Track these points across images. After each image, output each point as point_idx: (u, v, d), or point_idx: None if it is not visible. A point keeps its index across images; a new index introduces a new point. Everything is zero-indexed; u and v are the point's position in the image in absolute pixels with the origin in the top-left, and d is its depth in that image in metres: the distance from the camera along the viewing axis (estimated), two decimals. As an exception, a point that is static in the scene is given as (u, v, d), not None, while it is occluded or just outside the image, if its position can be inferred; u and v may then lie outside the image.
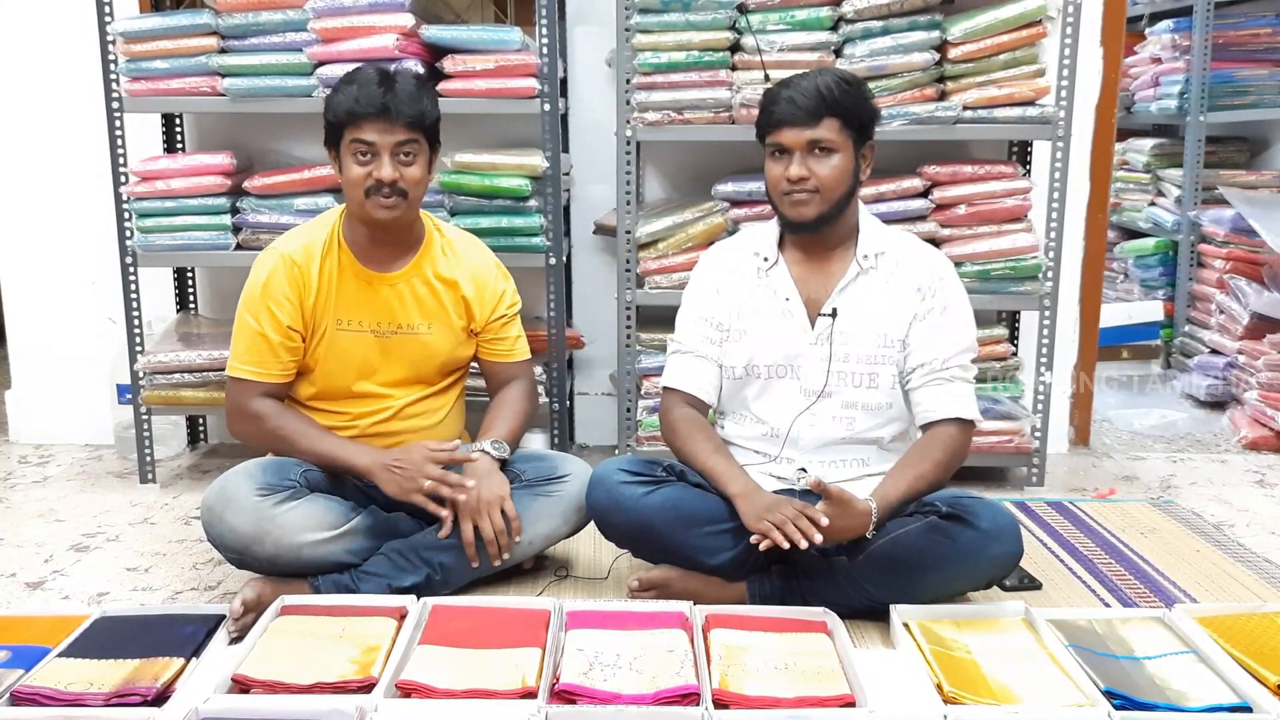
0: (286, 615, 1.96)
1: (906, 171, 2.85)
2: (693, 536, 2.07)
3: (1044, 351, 2.89)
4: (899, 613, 1.97)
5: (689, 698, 1.69)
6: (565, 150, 3.18)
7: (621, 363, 2.92)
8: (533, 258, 2.84)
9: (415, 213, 2.25)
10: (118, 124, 2.84)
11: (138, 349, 2.94)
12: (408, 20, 2.70)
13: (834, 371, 2.11)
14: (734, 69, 2.78)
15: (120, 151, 2.86)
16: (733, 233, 2.80)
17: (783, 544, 1.87)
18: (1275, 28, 3.87)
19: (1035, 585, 2.28)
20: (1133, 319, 4.12)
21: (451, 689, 1.70)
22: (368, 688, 1.71)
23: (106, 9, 2.78)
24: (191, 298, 3.27)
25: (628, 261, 2.85)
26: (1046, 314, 2.86)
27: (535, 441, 2.93)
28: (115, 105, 2.83)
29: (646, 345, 2.90)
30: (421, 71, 2.72)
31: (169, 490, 2.97)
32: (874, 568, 2.02)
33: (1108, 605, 2.21)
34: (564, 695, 1.70)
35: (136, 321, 2.94)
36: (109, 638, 1.89)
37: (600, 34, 3.12)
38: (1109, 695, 1.69)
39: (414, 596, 2.04)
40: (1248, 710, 1.68)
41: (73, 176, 3.19)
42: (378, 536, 2.17)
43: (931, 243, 2.69)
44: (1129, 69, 4.33)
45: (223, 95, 2.80)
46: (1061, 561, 2.44)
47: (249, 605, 2.01)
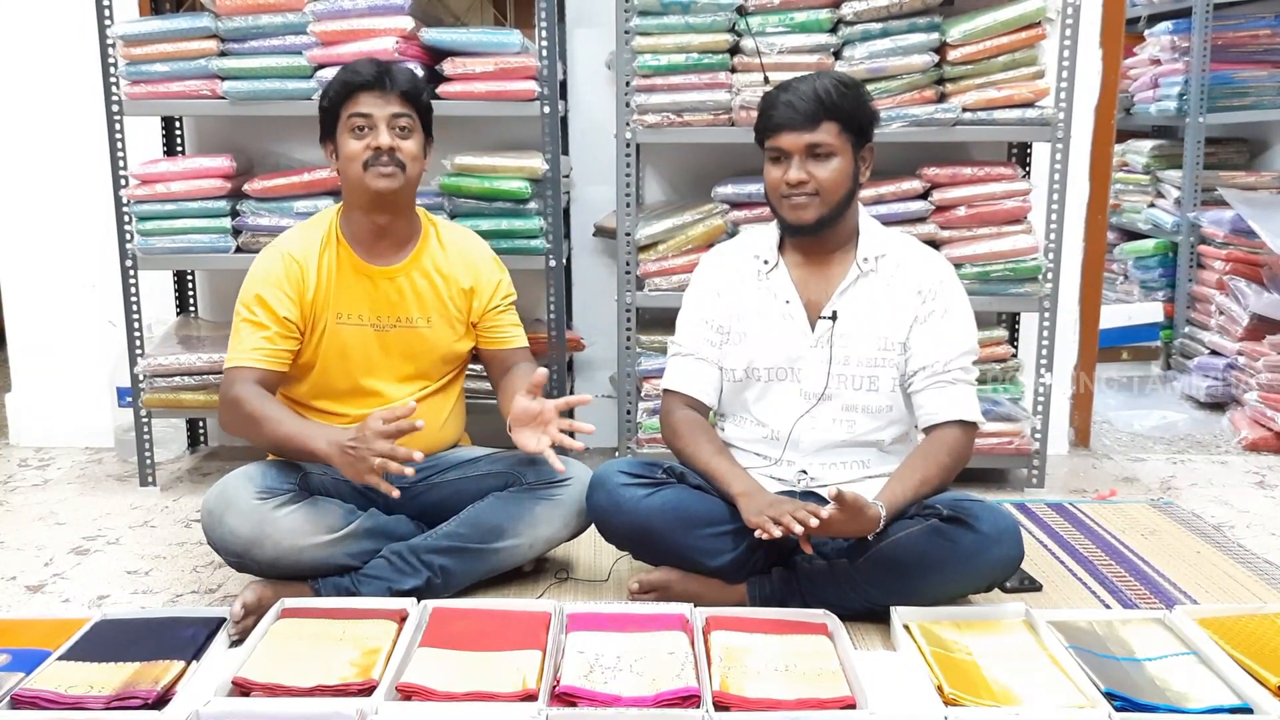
0: (287, 618, 1.96)
1: (906, 173, 2.85)
2: (693, 538, 2.07)
3: (1044, 353, 2.89)
4: (899, 614, 1.97)
5: (690, 700, 1.69)
6: (565, 152, 3.18)
7: (622, 365, 2.92)
8: (533, 260, 2.84)
9: (412, 197, 2.25)
10: (117, 127, 2.85)
11: (138, 352, 2.94)
12: (407, 23, 2.70)
13: (834, 374, 2.11)
14: (733, 71, 2.78)
15: (120, 154, 2.86)
16: (732, 235, 2.80)
17: (775, 532, 1.87)
18: (1274, 29, 3.88)
19: (1036, 587, 2.28)
20: (1133, 320, 4.13)
21: (452, 692, 1.70)
22: (368, 690, 1.71)
23: (106, 12, 2.79)
24: (191, 300, 3.27)
25: (628, 263, 2.86)
26: (1046, 315, 2.86)
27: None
28: (115, 108, 2.83)
29: (647, 347, 2.90)
30: (422, 74, 2.72)
31: (169, 493, 2.97)
32: (875, 570, 2.02)
33: (1108, 607, 2.21)
34: (565, 697, 1.70)
35: (136, 324, 2.94)
36: (109, 641, 1.89)
37: (600, 36, 3.12)
38: (1109, 696, 1.69)
39: (414, 599, 2.04)
40: (1248, 712, 1.68)
41: (73, 179, 3.20)
42: (378, 539, 2.17)
43: (931, 244, 2.69)
44: (1128, 70, 4.33)
45: (223, 98, 2.80)
46: (1062, 563, 2.44)
47: (249, 608, 2.01)
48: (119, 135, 2.85)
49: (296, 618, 1.96)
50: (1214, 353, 3.81)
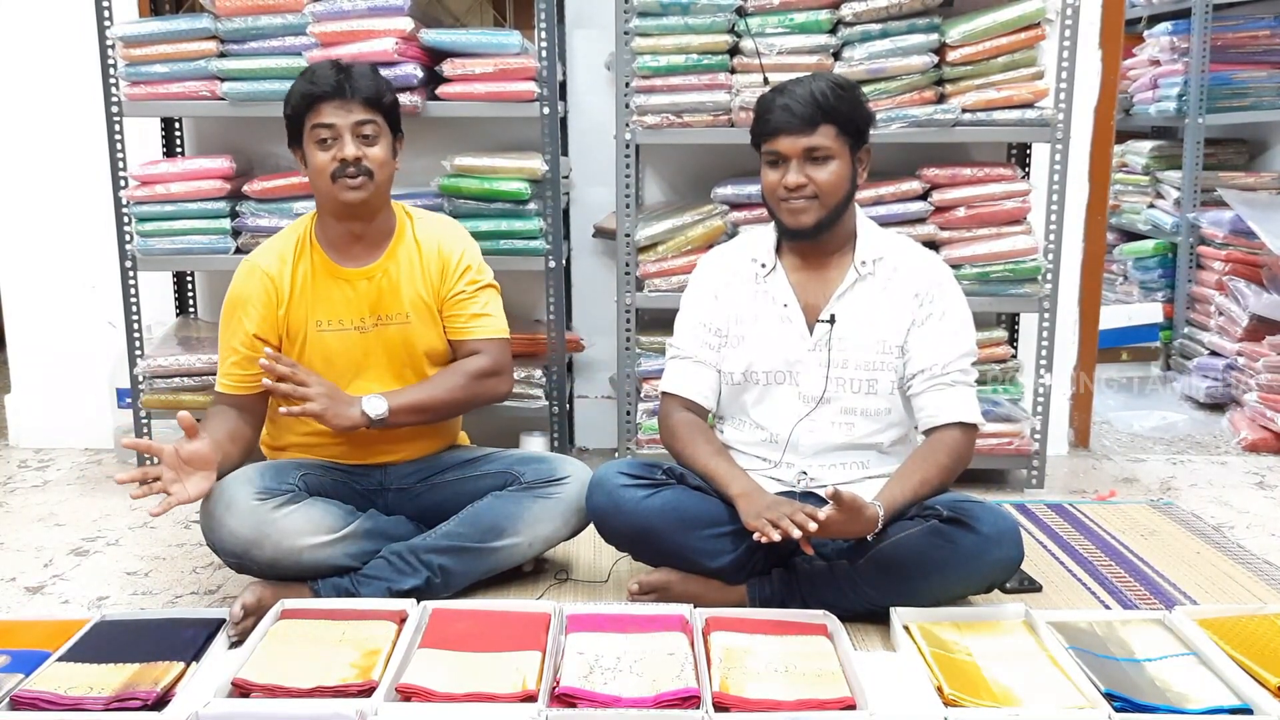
0: (286, 619, 1.96)
1: (906, 174, 2.85)
2: (693, 539, 2.07)
3: (1043, 353, 2.89)
4: (899, 615, 1.97)
5: (689, 700, 1.68)
6: (565, 153, 3.18)
7: (621, 365, 2.92)
8: (532, 261, 2.84)
9: (384, 199, 2.23)
10: (117, 128, 2.85)
11: (137, 353, 2.94)
12: (407, 24, 2.70)
13: (833, 378, 2.11)
14: (733, 72, 2.78)
15: (120, 155, 2.87)
16: (732, 235, 2.80)
17: (774, 536, 1.87)
18: (1274, 30, 3.88)
19: (1035, 587, 2.28)
20: (1132, 321, 4.13)
21: (452, 692, 1.70)
22: (368, 691, 1.71)
23: (106, 13, 2.79)
24: (191, 302, 3.27)
25: (627, 264, 2.86)
26: (1046, 316, 2.86)
27: (535, 444, 2.93)
28: (115, 109, 2.83)
29: (646, 348, 2.90)
30: (421, 74, 2.73)
31: (169, 494, 2.97)
32: (875, 571, 2.02)
33: (1108, 607, 2.21)
34: (564, 698, 1.70)
35: (136, 325, 2.94)
36: (109, 642, 1.89)
37: (599, 37, 3.12)
38: (1109, 697, 1.69)
39: (414, 600, 2.04)
40: (1248, 712, 1.68)
41: (72, 180, 3.20)
42: (377, 540, 2.16)
43: (931, 245, 2.70)
44: (1128, 71, 4.33)
45: (222, 99, 2.80)
46: (1062, 564, 2.44)
47: (249, 609, 2.01)
48: (119, 136, 2.85)
49: (296, 619, 1.96)
50: (1213, 353, 3.81)
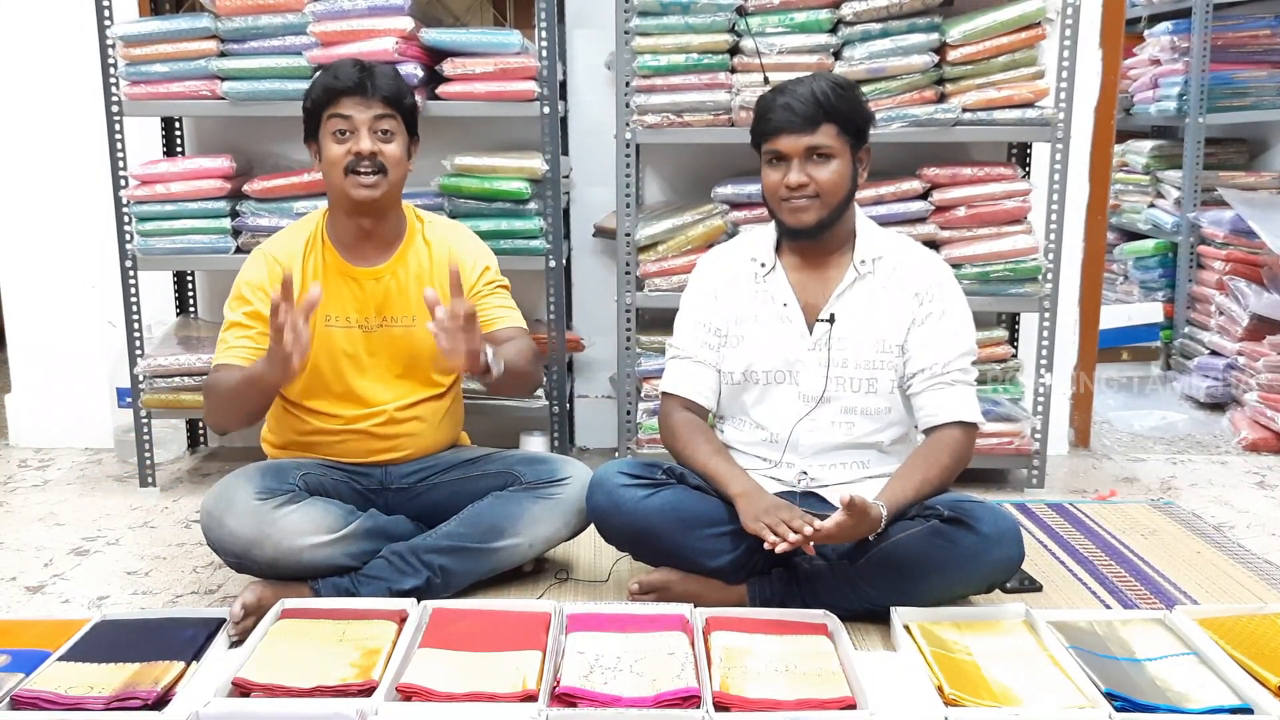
0: (287, 619, 1.96)
1: (906, 173, 2.85)
2: (693, 539, 2.07)
3: (1044, 353, 2.89)
4: (900, 615, 1.97)
5: (690, 700, 1.68)
6: (565, 153, 3.18)
7: (621, 365, 2.92)
8: (532, 260, 2.84)
9: (395, 199, 2.24)
10: (117, 127, 2.85)
11: (137, 352, 2.94)
12: (407, 23, 2.70)
13: (833, 377, 2.11)
14: (733, 71, 2.78)
15: (120, 155, 2.86)
16: (732, 235, 2.80)
17: (771, 540, 1.87)
18: (1274, 29, 3.88)
19: (1036, 587, 2.28)
20: (1132, 320, 4.13)
21: (452, 692, 1.70)
22: (368, 691, 1.71)
23: (106, 13, 2.79)
24: (191, 301, 3.27)
25: (627, 264, 2.86)
26: (1046, 316, 2.86)
27: (535, 444, 2.93)
28: (115, 109, 2.83)
29: (646, 348, 2.90)
30: (421, 74, 2.72)
31: (169, 494, 2.97)
32: (875, 571, 2.02)
33: (1108, 607, 2.21)
34: (565, 698, 1.70)
35: (136, 325, 2.93)
36: (109, 642, 1.89)
37: (600, 37, 3.12)
38: (1110, 697, 1.69)
39: (414, 599, 2.04)
40: (1249, 712, 1.68)
41: (73, 180, 3.20)
42: (378, 539, 2.16)
43: (931, 245, 2.70)
44: (1128, 71, 4.33)
45: (222, 99, 2.80)
46: (1062, 563, 2.44)
47: (249, 609, 2.01)
48: (119, 136, 2.85)
49: (296, 618, 1.96)
50: (1214, 353, 3.81)
